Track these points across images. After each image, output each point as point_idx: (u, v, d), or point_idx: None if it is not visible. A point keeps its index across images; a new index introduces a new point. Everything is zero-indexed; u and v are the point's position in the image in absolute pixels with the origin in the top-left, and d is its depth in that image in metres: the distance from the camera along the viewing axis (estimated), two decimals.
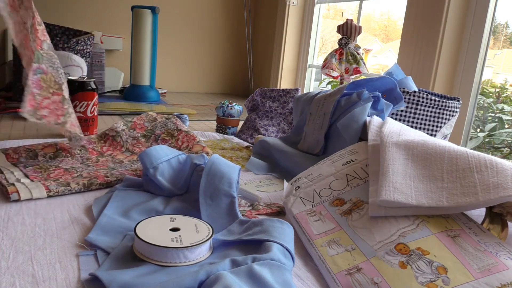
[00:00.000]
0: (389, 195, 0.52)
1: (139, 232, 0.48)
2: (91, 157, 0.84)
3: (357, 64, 1.49)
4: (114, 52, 2.15)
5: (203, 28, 2.39)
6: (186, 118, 1.25)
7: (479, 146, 1.64)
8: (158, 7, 1.75)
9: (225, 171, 0.62)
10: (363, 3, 1.88)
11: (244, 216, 0.63)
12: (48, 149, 0.82)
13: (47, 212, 0.60)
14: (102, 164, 0.81)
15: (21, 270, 0.45)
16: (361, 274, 0.46)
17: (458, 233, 0.48)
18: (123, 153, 0.89)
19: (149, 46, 1.78)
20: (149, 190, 0.67)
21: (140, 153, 0.68)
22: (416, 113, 1.04)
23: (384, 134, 0.65)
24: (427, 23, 1.40)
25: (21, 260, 0.47)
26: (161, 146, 0.70)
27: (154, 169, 0.66)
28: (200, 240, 0.48)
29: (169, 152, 0.70)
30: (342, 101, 0.86)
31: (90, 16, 2.07)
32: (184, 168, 0.69)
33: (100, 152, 0.87)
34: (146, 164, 0.66)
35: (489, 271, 0.42)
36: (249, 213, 0.64)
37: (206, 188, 0.61)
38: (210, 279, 0.41)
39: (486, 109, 1.80)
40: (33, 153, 0.80)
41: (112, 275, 0.42)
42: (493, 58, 1.77)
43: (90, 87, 1.02)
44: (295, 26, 2.26)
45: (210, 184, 0.61)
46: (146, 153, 0.67)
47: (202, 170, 0.65)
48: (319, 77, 2.32)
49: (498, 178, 0.50)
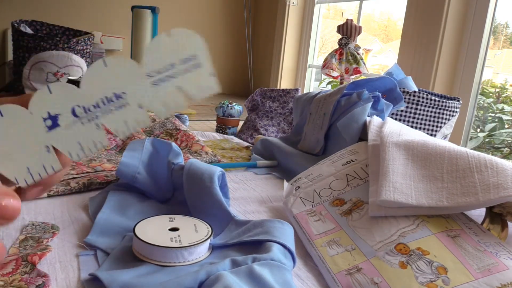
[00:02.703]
0: (389, 195, 0.52)
1: (138, 232, 0.48)
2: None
3: (357, 64, 1.49)
4: (114, 52, 2.15)
5: (203, 28, 2.39)
6: (186, 118, 1.25)
7: (479, 146, 1.64)
8: (158, 7, 1.75)
9: (204, 169, 0.61)
10: (363, 3, 1.88)
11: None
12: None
13: (47, 211, 0.60)
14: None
15: None
16: (361, 274, 0.46)
17: (458, 233, 0.48)
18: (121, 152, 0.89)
19: None
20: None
21: (116, 172, 0.65)
22: (416, 113, 1.04)
23: (384, 134, 0.65)
24: (427, 23, 1.40)
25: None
26: (125, 155, 0.66)
27: (134, 181, 0.64)
28: (199, 240, 0.48)
29: (137, 155, 0.67)
30: (342, 101, 0.86)
31: (90, 16, 2.07)
32: (160, 170, 0.66)
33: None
34: (127, 179, 0.64)
35: (489, 271, 0.42)
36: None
37: (188, 189, 0.60)
38: (210, 279, 0.41)
39: (486, 109, 1.80)
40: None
41: (112, 275, 0.42)
42: (493, 58, 1.77)
43: None
44: (295, 26, 2.26)
45: (192, 184, 0.60)
46: (120, 170, 0.64)
47: (181, 169, 0.63)
48: (319, 77, 2.31)
49: (498, 178, 0.50)
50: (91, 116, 0.25)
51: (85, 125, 0.25)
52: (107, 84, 0.25)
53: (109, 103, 0.25)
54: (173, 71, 0.25)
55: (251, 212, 0.68)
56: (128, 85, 0.25)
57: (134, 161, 0.65)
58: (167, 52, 0.25)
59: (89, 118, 0.25)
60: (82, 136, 0.25)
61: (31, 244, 0.50)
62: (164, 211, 0.61)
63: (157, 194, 0.64)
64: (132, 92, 0.25)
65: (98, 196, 0.65)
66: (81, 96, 0.24)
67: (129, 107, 0.25)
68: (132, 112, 0.25)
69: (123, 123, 0.25)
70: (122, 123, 0.25)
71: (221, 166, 0.85)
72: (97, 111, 0.25)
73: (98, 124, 0.25)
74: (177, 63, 0.25)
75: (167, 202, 0.64)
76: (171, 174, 0.64)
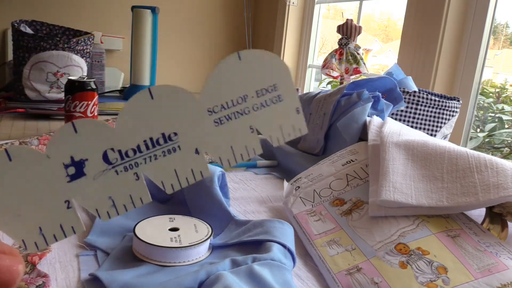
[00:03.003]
0: (389, 195, 0.52)
1: (138, 232, 0.48)
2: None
3: (357, 64, 1.49)
4: (114, 52, 2.15)
5: (203, 28, 2.39)
6: None
7: (479, 146, 1.64)
8: (158, 7, 1.75)
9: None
10: (363, 3, 1.88)
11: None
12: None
13: None
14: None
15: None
16: (361, 274, 0.46)
17: (458, 233, 0.48)
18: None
19: (149, 46, 1.78)
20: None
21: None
22: (416, 113, 1.04)
23: (384, 134, 0.65)
24: (427, 23, 1.40)
25: None
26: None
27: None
28: (199, 240, 0.48)
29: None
30: (342, 101, 0.86)
31: (90, 16, 2.07)
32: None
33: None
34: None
35: (489, 271, 0.42)
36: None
37: (188, 189, 0.60)
38: (210, 279, 0.41)
39: (486, 109, 1.80)
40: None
41: (112, 276, 0.42)
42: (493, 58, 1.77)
43: (90, 87, 1.02)
44: (295, 26, 2.26)
45: (192, 184, 0.60)
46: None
47: None
48: (319, 77, 2.31)
49: (498, 178, 0.50)
50: (130, 163, 0.19)
51: (120, 175, 0.19)
52: (153, 122, 0.19)
53: (154, 147, 0.19)
54: (244, 105, 0.19)
55: (251, 212, 0.68)
56: (182, 124, 0.19)
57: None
58: (237, 80, 0.19)
59: (127, 165, 0.19)
60: (116, 188, 0.19)
61: None
62: (164, 211, 0.61)
63: (157, 194, 0.64)
64: (187, 132, 0.19)
65: None
66: (117, 137, 0.18)
67: (181, 152, 0.19)
68: (185, 159, 0.19)
69: (171, 172, 0.19)
70: (171, 172, 0.19)
71: (221, 166, 0.84)
72: (138, 156, 0.19)
73: (138, 174, 0.19)
74: (251, 95, 0.19)
75: (167, 202, 0.64)
76: None
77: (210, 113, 0.19)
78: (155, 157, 0.19)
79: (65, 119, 1.03)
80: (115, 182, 0.19)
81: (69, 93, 1.00)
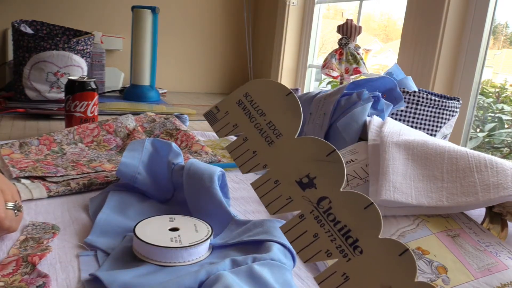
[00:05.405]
0: (389, 195, 0.52)
1: (138, 232, 0.48)
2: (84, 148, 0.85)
3: (357, 64, 1.49)
4: (114, 52, 2.15)
5: (203, 28, 2.39)
6: (186, 118, 1.25)
7: (479, 146, 1.64)
8: (158, 7, 1.75)
9: (204, 169, 0.61)
10: (363, 3, 1.88)
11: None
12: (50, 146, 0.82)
13: (47, 212, 0.60)
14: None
15: None
16: None
17: (458, 233, 0.48)
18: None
19: (149, 46, 1.79)
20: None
21: (116, 172, 0.65)
22: (416, 113, 1.04)
23: (384, 134, 0.65)
24: (427, 23, 1.40)
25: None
26: (125, 155, 0.66)
27: (134, 181, 0.63)
28: (199, 240, 0.48)
29: (137, 155, 0.67)
30: (342, 101, 0.86)
31: (90, 16, 2.07)
32: (160, 170, 0.66)
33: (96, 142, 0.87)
34: (127, 179, 0.64)
35: (489, 270, 0.42)
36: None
37: (188, 189, 0.60)
38: (210, 279, 0.41)
39: (486, 109, 1.80)
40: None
41: (112, 276, 0.42)
42: (493, 58, 1.77)
43: (90, 87, 1.02)
44: (295, 26, 2.26)
45: (192, 184, 0.60)
46: (120, 170, 0.64)
47: (181, 169, 0.63)
48: (319, 77, 2.31)
49: (498, 178, 0.50)
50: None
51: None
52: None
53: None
54: None
55: (251, 212, 0.68)
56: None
57: (134, 161, 0.65)
58: None
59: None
60: None
61: (31, 244, 0.50)
62: (164, 211, 0.61)
63: (157, 194, 0.64)
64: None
65: (98, 196, 0.65)
66: None
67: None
68: None
69: None
70: None
71: (221, 166, 0.85)
72: None
73: None
74: None
75: (167, 202, 0.64)
76: (171, 174, 0.64)
77: None
78: None
79: (65, 119, 1.03)
80: None
81: (69, 93, 1.00)
